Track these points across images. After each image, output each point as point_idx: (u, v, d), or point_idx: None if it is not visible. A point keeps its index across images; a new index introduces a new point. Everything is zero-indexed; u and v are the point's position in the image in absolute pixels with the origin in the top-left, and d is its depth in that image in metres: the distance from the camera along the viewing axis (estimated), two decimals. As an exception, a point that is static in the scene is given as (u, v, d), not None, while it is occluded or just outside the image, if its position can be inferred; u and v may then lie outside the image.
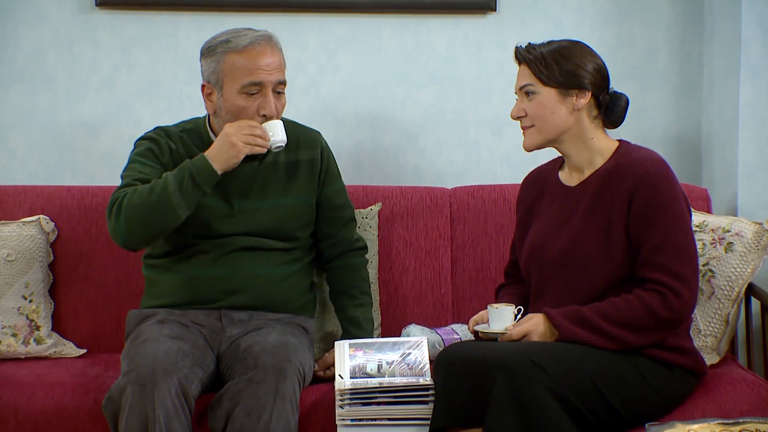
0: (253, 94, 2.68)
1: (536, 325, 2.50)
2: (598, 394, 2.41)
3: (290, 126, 2.85)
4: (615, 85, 3.41)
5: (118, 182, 3.04)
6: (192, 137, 2.80)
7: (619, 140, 2.64)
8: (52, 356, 2.96)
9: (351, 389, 2.49)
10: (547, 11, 3.33)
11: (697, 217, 2.90)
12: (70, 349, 2.99)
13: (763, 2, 3.09)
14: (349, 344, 2.63)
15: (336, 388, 2.51)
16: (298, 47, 3.28)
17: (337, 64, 3.33)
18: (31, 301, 2.95)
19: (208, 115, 2.80)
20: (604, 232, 2.52)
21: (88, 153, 3.30)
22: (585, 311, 2.47)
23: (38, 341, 2.95)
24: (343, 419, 2.49)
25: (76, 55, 3.29)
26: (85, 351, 3.00)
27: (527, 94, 2.59)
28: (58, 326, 3.02)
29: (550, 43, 2.59)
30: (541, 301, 2.60)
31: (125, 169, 2.76)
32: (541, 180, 2.72)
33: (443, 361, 2.48)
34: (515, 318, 2.56)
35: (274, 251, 2.78)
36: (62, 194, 3.08)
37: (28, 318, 2.94)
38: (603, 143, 2.61)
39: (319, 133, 2.93)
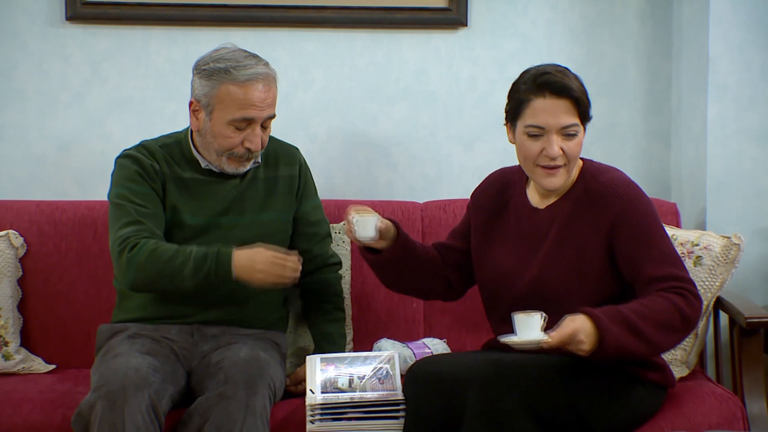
0: (241, 128, 2.68)
1: (583, 323, 2.30)
2: (570, 408, 2.39)
3: (269, 141, 2.85)
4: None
5: (88, 197, 3.03)
6: (173, 154, 2.79)
7: (582, 159, 2.56)
8: (20, 372, 2.93)
9: (322, 404, 2.48)
10: (517, 27, 3.34)
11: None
12: (39, 365, 2.96)
13: (730, 20, 3.13)
14: (321, 359, 2.62)
15: (307, 403, 2.50)
16: (270, 62, 3.27)
17: (309, 79, 3.33)
18: (-1, 317, 2.93)
19: (191, 130, 2.80)
20: (576, 262, 2.47)
21: (58, 168, 3.27)
22: (624, 311, 2.35)
23: (6, 357, 2.92)
24: (314, 434, 2.49)
25: (47, 70, 3.26)
26: (54, 367, 2.98)
27: (569, 135, 2.44)
28: (26, 342, 2.99)
29: (568, 70, 2.47)
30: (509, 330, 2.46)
31: (116, 195, 2.72)
32: (507, 188, 2.63)
33: (413, 375, 2.47)
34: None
35: (248, 266, 2.77)
36: (32, 209, 3.06)
37: (-4, 334, 2.92)
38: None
39: (297, 149, 2.93)
